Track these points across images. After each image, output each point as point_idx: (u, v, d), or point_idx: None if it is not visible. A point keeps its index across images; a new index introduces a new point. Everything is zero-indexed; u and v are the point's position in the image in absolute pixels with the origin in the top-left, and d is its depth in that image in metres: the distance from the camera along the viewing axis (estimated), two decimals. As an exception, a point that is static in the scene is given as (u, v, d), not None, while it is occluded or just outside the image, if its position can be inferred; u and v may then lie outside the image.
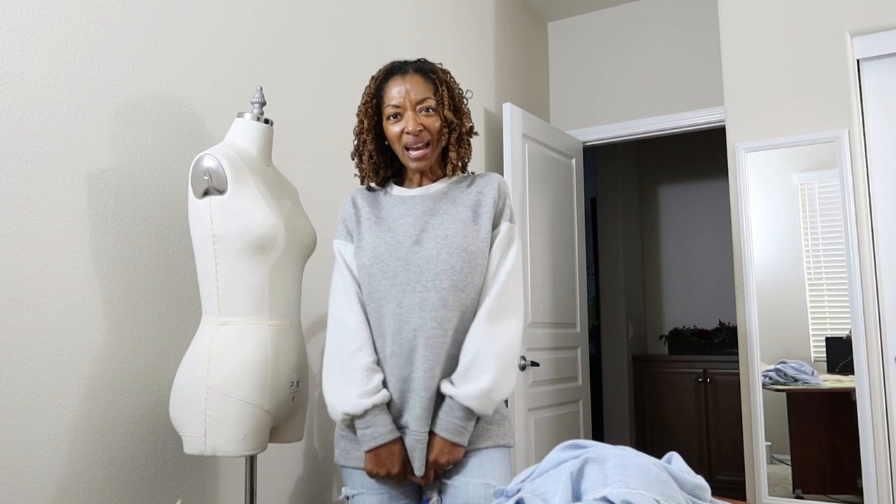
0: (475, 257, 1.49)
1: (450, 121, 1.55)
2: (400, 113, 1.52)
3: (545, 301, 3.34)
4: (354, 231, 1.57)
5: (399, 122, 1.52)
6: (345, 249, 1.57)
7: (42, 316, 1.53)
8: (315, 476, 2.27)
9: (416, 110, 1.51)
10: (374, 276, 1.49)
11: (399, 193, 1.59)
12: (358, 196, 1.61)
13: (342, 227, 1.60)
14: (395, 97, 1.52)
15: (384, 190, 1.63)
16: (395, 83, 1.53)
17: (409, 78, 1.53)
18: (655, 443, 4.78)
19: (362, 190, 1.63)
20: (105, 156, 1.69)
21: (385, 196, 1.61)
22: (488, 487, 1.44)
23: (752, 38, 2.97)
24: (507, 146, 3.21)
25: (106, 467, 1.63)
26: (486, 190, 1.56)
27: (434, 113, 1.53)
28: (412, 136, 1.51)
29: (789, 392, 2.77)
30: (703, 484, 0.94)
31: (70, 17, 1.64)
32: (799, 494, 2.72)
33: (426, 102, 1.52)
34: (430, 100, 1.53)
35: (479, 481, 1.44)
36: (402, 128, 1.51)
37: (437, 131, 1.54)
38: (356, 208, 1.59)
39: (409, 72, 1.54)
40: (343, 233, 1.59)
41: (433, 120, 1.52)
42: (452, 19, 3.21)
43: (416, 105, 1.51)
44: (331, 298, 1.55)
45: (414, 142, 1.51)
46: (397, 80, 1.54)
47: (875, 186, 2.72)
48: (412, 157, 1.53)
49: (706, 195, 5.24)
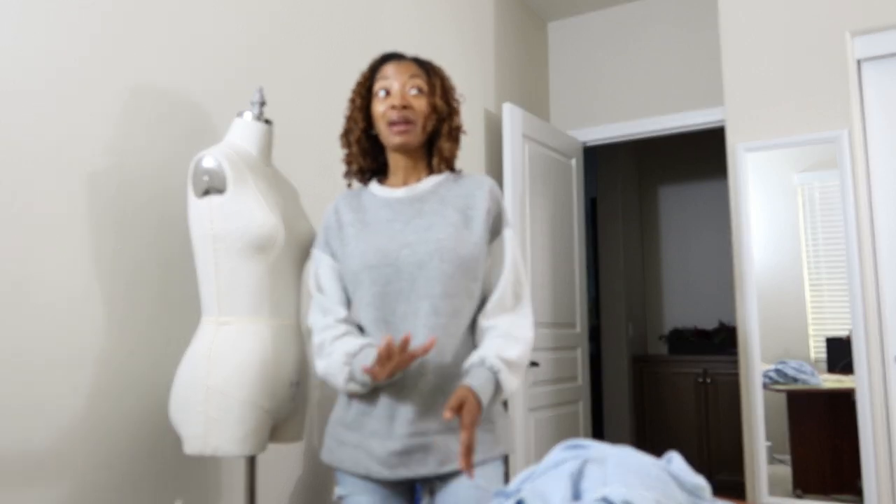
0: (466, 262, 1.47)
1: (440, 109, 1.54)
2: (388, 90, 1.51)
3: (545, 301, 3.34)
4: (335, 240, 1.54)
5: (387, 99, 1.51)
6: (320, 261, 1.55)
7: (42, 316, 1.53)
8: (315, 476, 2.27)
9: (405, 88, 1.51)
10: (363, 283, 1.47)
11: (383, 195, 1.56)
12: (341, 203, 1.58)
13: (322, 235, 1.58)
14: (387, 75, 1.52)
15: (368, 191, 1.59)
16: (389, 65, 1.54)
17: (403, 62, 1.54)
18: (655, 443, 4.78)
19: (346, 195, 1.61)
20: (105, 156, 1.69)
21: (370, 198, 1.57)
22: (479, 489, 1.43)
23: (752, 38, 2.97)
24: (507, 146, 3.21)
25: (106, 467, 1.63)
26: (477, 193, 1.53)
27: (423, 95, 1.52)
28: (396, 110, 1.49)
29: (789, 392, 2.77)
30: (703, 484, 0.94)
31: (70, 17, 1.64)
32: (799, 494, 2.72)
33: (415, 81, 1.51)
34: (420, 81, 1.52)
35: (470, 483, 1.43)
36: (389, 103, 1.50)
37: (424, 115, 1.52)
38: (338, 215, 1.56)
39: (404, 59, 1.55)
40: (322, 242, 1.57)
41: (421, 102, 1.51)
42: (452, 19, 3.21)
43: (406, 84, 1.51)
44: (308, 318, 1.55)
45: (398, 117, 1.49)
46: (392, 63, 1.54)
47: (875, 186, 2.72)
48: (394, 132, 1.50)
49: (706, 195, 5.24)
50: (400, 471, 1.43)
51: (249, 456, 1.67)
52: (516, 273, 1.54)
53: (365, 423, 1.47)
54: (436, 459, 1.43)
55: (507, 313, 1.51)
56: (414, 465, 1.43)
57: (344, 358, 1.42)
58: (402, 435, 1.42)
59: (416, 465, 1.43)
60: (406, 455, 1.42)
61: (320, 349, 1.49)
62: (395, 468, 1.43)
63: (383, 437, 1.44)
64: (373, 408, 1.47)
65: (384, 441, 1.43)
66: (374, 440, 1.44)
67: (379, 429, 1.45)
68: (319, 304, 1.53)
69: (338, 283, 1.55)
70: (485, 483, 1.43)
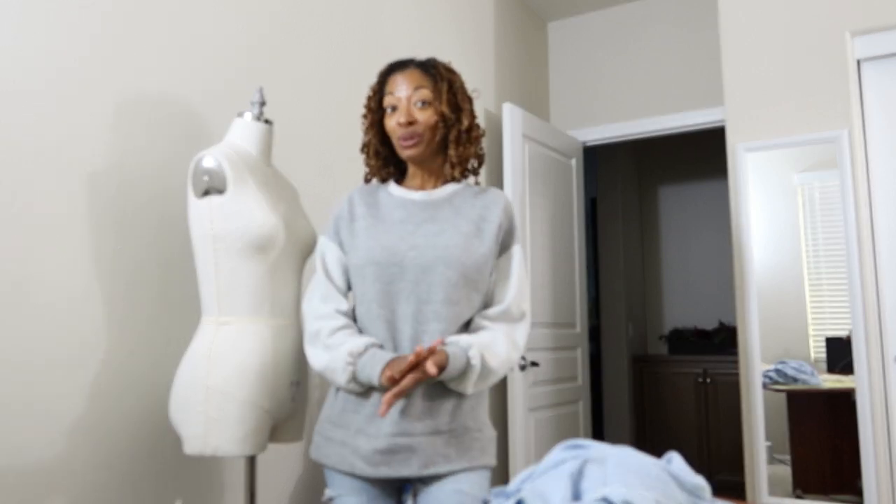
0: (471, 272, 1.47)
1: (446, 117, 1.54)
2: (396, 106, 1.53)
3: (545, 301, 3.34)
4: (346, 230, 1.55)
5: (395, 115, 1.53)
6: (327, 248, 1.56)
7: (42, 316, 1.53)
8: (315, 476, 2.27)
9: (410, 102, 1.52)
10: (367, 278, 1.48)
11: (400, 195, 1.57)
12: (356, 195, 1.60)
13: (332, 224, 1.59)
14: (393, 91, 1.53)
15: (385, 189, 1.61)
16: (395, 78, 1.54)
17: (408, 73, 1.54)
18: (655, 443, 4.78)
19: (362, 189, 1.62)
20: (105, 156, 1.69)
21: (386, 196, 1.58)
22: (462, 494, 1.42)
23: (752, 38, 2.97)
24: (507, 146, 3.21)
25: (106, 467, 1.63)
26: (493, 207, 1.55)
27: (428, 107, 1.52)
28: (402, 128, 1.51)
29: (789, 392, 2.77)
30: (703, 484, 0.94)
31: (70, 17, 1.64)
32: (799, 494, 2.72)
33: (420, 94, 1.52)
34: (426, 92, 1.52)
35: (452, 487, 1.43)
36: (397, 120, 1.52)
37: (431, 126, 1.52)
38: (351, 206, 1.57)
39: (410, 67, 1.55)
40: (331, 231, 1.58)
41: (427, 114, 1.52)
42: (452, 19, 3.21)
43: (411, 97, 1.52)
44: (304, 301, 1.55)
45: (404, 134, 1.51)
46: (397, 75, 1.55)
47: (875, 186, 2.72)
48: (403, 147, 1.53)
49: (706, 195, 5.24)
50: (382, 469, 1.42)
51: (249, 456, 1.67)
52: (521, 289, 1.55)
53: (351, 421, 1.47)
54: (420, 461, 1.42)
55: (508, 324, 1.52)
56: (397, 465, 1.42)
57: (348, 357, 1.42)
58: (388, 434, 1.42)
59: (398, 465, 1.42)
60: (390, 454, 1.42)
61: (316, 338, 1.48)
62: (377, 466, 1.42)
63: (369, 435, 1.43)
64: (360, 406, 1.46)
65: (369, 439, 1.43)
66: (360, 437, 1.44)
67: (365, 427, 1.44)
68: (322, 290, 1.53)
69: (342, 275, 1.55)
70: (468, 488, 1.43)
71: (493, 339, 1.48)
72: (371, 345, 1.43)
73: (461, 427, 1.47)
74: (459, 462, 1.44)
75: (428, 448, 1.43)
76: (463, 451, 1.46)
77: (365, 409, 1.45)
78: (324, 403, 1.58)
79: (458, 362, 1.40)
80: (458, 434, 1.46)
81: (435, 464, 1.43)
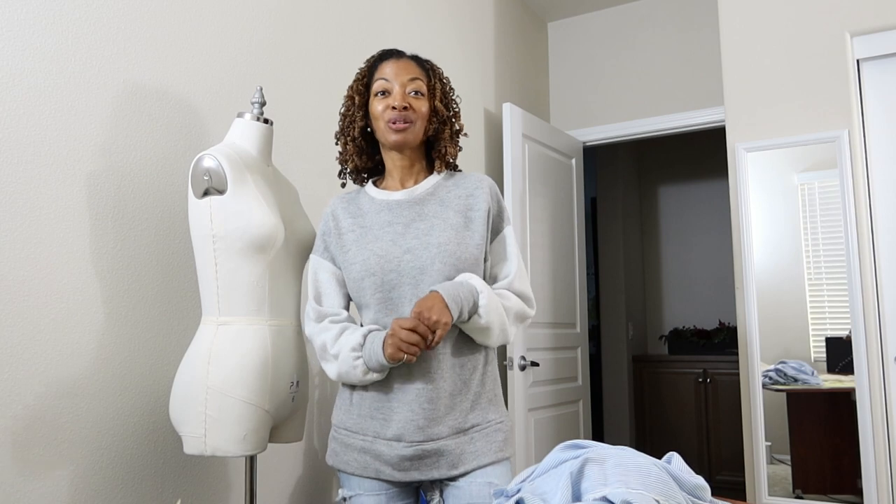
0: (467, 264, 1.47)
1: (440, 113, 1.54)
2: (388, 90, 1.50)
3: (545, 301, 3.34)
4: (335, 245, 1.54)
5: (386, 99, 1.50)
6: (319, 267, 1.56)
7: (42, 316, 1.53)
8: (315, 476, 2.27)
9: (404, 89, 1.50)
10: (366, 290, 1.47)
11: (382, 197, 1.55)
12: (338, 208, 1.57)
13: (320, 241, 1.58)
14: (386, 74, 1.51)
15: (365, 193, 1.58)
16: (388, 63, 1.53)
17: (403, 62, 1.53)
18: (655, 443, 4.78)
19: (342, 198, 1.60)
20: (105, 156, 1.69)
21: (368, 201, 1.56)
22: (492, 486, 1.43)
23: (752, 38, 2.97)
24: (507, 146, 3.21)
25: (106, 467, 1.64)
26: (477, 193, 1.53)
27: (423, 98, 1.51)
28: (397, 111, 1.48)
29: (789, 392, 2.77)
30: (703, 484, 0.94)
31: (70, 17, 1.64)
32: (799, 494, 2.72)
33: (416, 84, 1.51)
34: (421, 83, 1.51)
35: (483, 480, 1.44)
36: (387, 103, 1.49)
37: (424, 116, 1.51)
38: (336, 220, 1.56)
39: (405, 57, 1.54)
40: (320, 248, 1.57)
41: (421, 103, 1.51)
42: (452, 19, 3.21)
43: (406, 85, 1.50)
44: (304, 325, 1.56)
45: (398, 116, 1.48)
46: (391, 61, 1.53)
47: (875, 186, 2.72)
48: (392, 129, 1.48)
49: (706, 195, 5.24)
50: (412, 474, 1.44)
51: (249, 456, 1.67)
52: (519, 267, 1.56)
53: (369, 427, 1.47)
54: (448, 462, 1.44)
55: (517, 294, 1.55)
56: (425, 469, 1.44)
57: (353, 354, 1.43)
58: (414, 441, 1.42)
59: (427, 469, 1.44)
60: (418, 460, 1.43)
61: (324, 352, 1.49)
62: (407, 471, 1.44)
63: (392, 442, 1.44)
64: (377, 410, 1.47)
65: (394, 446, 1.44)
66: (381, 444, 1.45)
67: (385, 433, 1.45)
68: (312, 312, 1.54)
69: (339, 289, 1.55)
70: (497, 481, 1.45)
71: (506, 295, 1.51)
72: (368, 332, 1.44)
73: (484, 420, 1.48)
74: (487, 456, 1.45)
75: (455, 449, 1.44)
76: (489, 444, 1.47)
77: (382, 415, 1.46)
78: (334, 408, 1.58)
79: (459, 296, 1.39)
80: (482, 427, 1.47)
81: (464, 462, 1.44)
